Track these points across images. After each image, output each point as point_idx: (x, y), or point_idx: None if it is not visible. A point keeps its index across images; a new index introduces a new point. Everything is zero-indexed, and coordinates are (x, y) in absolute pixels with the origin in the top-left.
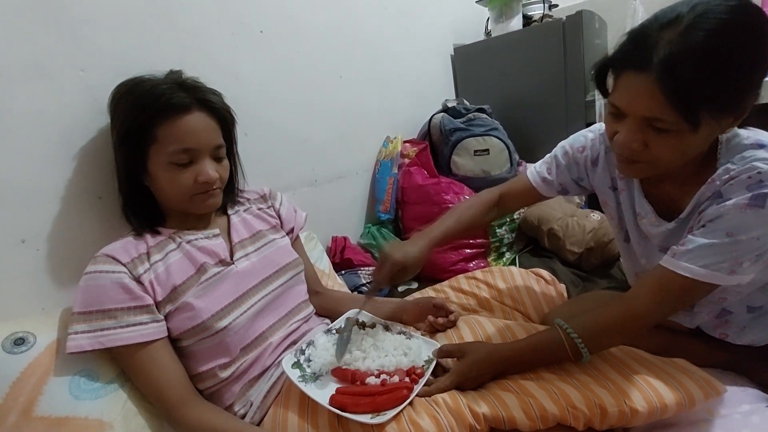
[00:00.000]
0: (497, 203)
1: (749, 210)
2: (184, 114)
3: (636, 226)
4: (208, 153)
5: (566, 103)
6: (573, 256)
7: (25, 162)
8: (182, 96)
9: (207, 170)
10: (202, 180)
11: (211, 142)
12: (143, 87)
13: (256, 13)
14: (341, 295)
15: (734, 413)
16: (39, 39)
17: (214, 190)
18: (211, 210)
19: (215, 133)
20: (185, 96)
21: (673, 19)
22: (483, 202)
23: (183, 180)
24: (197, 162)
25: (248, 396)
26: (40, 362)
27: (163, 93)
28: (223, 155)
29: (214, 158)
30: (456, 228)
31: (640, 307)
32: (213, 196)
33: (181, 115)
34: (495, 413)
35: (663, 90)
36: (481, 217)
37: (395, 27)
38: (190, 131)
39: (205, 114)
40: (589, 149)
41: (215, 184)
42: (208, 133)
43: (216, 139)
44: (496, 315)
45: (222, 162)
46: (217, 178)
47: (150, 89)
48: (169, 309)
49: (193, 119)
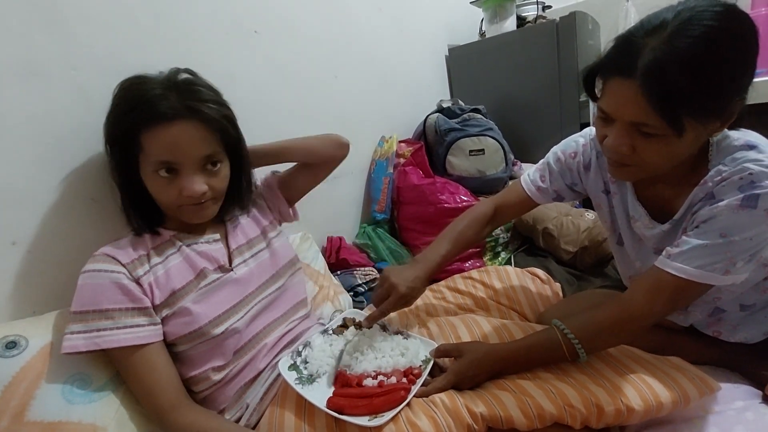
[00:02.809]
0: (492, 217)
1: (742, 211)
2: (167, 124)
3: (629, 229)
4: (194, 165)
5: (560, 103)
6: (568, 255)
7: (16, 163)
8: (169, 103)
9: (191, 185)
10: (186, 195)
11: (197, 153)
12: (135, 89)
13: (251, 13)
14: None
15: (728, 410)
16: (31, 38)
17: (205, 203)
18: (203, 221)
19: (204, 144)
20: (173, 103)
21: (658, 25)
22: (478, 219)
23: (169, 192)
24: (182, 174)
25: (244, 399)
26: (33, 366)
27: (150, 99)
28: (217, 165)
29: (206, 169)
30: (453, 252)
31: (635, 309)
32: (204, 208)
33: (164, 125)
34: (492, 413)
35: (647, 96)
36: (478, 234)
37: (390, 28)
38: (171, 143)
39: (195, 123)
40: (581, 154)
41: (204, 197)
42: (194, 145)
43: (204, 150)
44: (493, 314)
45: (218, 172)
46: (204, 191)
47: (140, 93)
48: (166, 313)
49: (175, 130)
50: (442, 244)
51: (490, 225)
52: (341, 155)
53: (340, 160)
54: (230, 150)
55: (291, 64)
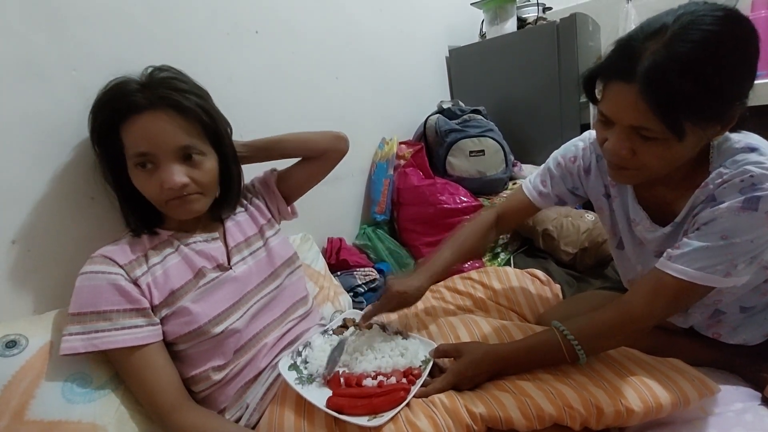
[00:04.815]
0: (495, 224)
1: (743, 213)
2: (139, 115)
3: (630, 233)
4: (172, 156)
5: (560, 104)
6: (567, 257)
7: (16, 162)
8: (143, 94)
9: (169, 176)
10: (166, 187)
11: (173, 143)
12: (113, 86)
13: (252, 13)
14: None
15: (727, 411)
16: (31, 38)
17: (189, 196)
18: (191, 216)
19: (179, 134)
20: (147, 94)
21: (658, 29)
22: (481, 227)
23: (152, 187)
24: (161, 167)
25: (244, 399)
26: (33, 365)
27: (124, 92)
28: (197, 156)
29: (184, 160)
30: (456, 258)
31: (636, 311)
32: (188, 202)
33: (137, 116)
34: (492, 413)
35: (647, 101)
36: (481, 242)
37: (390, 29)
38: (145, 134)
39: (168, 112)
40: (581, 158)
41: (186, 189)
42: (168, 134)
43: (180, 140)
44: (492, 315)
45: (200, 164)
46: (186, 183)
47: (116, 89)
48: (166, 313)
49: (148, 120)
50: (444, 252)
51: (494, 232)
52: (340, 148)
53: (340, 155)
54: (215, 143)
55: (291, 65)
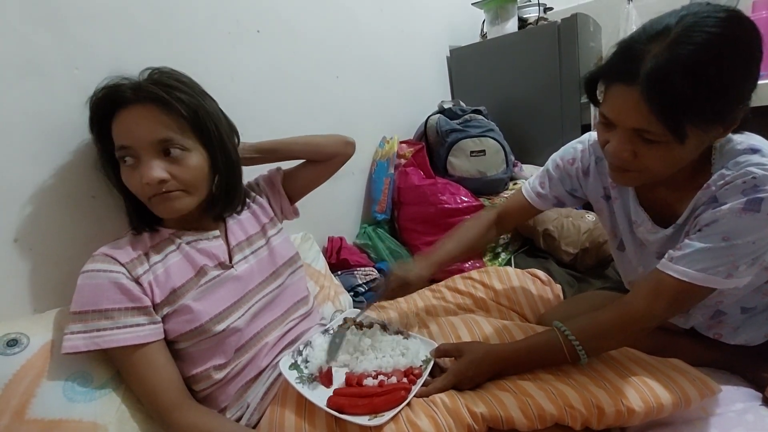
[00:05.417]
0: (496, 223)
1: (745, 214)
2: (125, 109)
3: (631, 234)
4: (151, 150)
5: (561, 104)
6: (568, 257)
7: (18, 160)
8: (131, 90)
9: (147, 171)
10: (144, 182)
11: (150, 137)
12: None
13: (253, 13)
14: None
15: (729, 412)
16: (33, 37)
17: (170, 193)
18: (175, 215)
19: (158, 127)
20: (135, 89)
21: (661, 31)
22: (482, 223)
23: (134, 181)
24: (141, 161)
25: (245, 398)
26: (34, 364)
27: (115, 88)
28: (177, 152)
29: (165, 155)
30: (457, 250)
31: (637, 311)
32: (170, 199)
33: (123, 111)
34: (493, 413)
35: (649, 103)
36: (481, 238)
37: (391, 28)
38: (126, 127)
39: (149, 106)
40: (579, 160)
41: (166, 186)
42: (146, 128)
43: (158, 134)
44: (493, 315)
45: (181, 160)
46: (162, 178)
47: (108, 85)
48: (167, 311)
49: (130, 114)
50: (446, 243)
51: (494, 230)
52: (347, 153)
53: (346, 159)
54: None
55: (292, 65)
